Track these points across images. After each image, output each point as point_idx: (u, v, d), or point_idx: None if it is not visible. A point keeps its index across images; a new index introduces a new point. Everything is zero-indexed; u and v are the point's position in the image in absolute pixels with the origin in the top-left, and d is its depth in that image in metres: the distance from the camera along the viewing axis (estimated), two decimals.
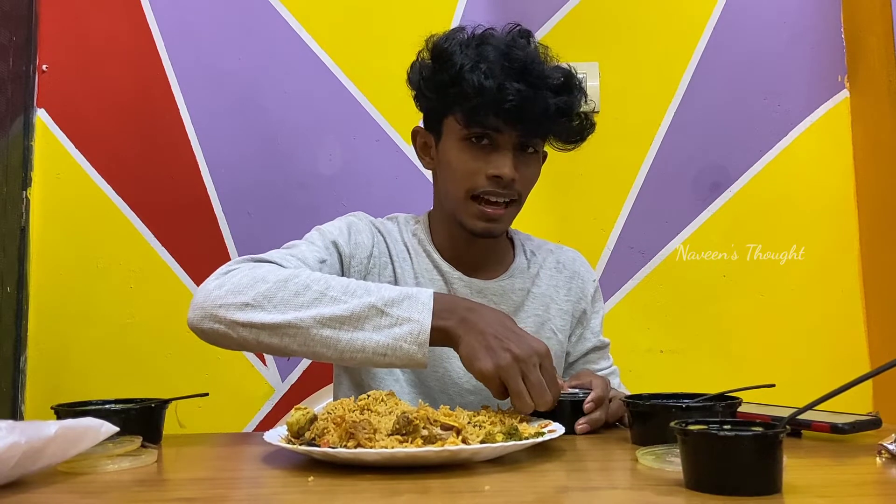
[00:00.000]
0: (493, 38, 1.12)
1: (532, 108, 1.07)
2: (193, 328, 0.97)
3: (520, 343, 0.90)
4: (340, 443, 0.77)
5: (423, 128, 1.21)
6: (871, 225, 1.84)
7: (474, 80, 1.06)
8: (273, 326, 0.92)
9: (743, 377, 1.13)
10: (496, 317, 0.94)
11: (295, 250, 1.08)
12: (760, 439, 0.63)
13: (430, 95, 1.15)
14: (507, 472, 0.75)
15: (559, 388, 0.93)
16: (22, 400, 1.75)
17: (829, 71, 1.92)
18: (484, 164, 1.10)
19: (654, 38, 1.91)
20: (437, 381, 1.15)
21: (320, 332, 0.91)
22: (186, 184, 1.83)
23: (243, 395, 1.79)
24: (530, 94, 1.06)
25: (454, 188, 1.13)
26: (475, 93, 1.06)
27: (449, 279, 1.18)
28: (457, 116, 1.11)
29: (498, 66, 1.07)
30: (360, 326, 0.91)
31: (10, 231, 1.74)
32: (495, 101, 1.06)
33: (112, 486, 0.72)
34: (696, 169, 1.89)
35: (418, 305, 0.92)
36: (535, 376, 0.89)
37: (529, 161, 1.13)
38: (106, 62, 1.85)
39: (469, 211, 1.12)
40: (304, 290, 0.93)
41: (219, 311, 0.94)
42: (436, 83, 1.13)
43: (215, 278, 0.98)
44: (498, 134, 1.09)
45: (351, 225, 1.17)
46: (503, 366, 0.89)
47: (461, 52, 1.10)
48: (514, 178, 1.09)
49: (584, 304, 1.27)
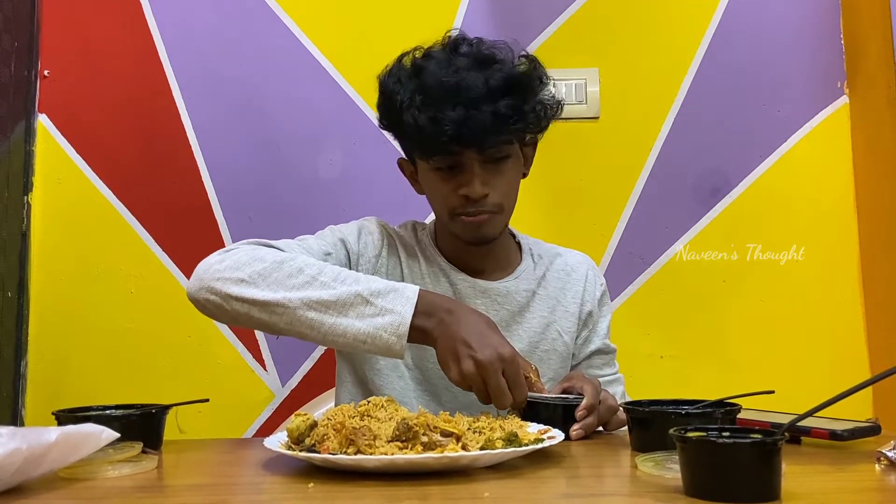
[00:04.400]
0: (430, 61, 1.12)
1: (474, 126, 1.06)
2: (191, 298, 1.03)
3: (484, 349, 0.94)
4: (340, 449, 0.77)
5: (404, 158, 1.24)
6: (871, 231, 1.84)
7: (410, 120, 1.08)
8: (263, 303, 0.97)
9: (743, 383, 1.13)
10: (472, 319, 0.98)
11: (303, 241, 1.14)
12: (759, 447, 0.63)
13: (392, 133, 1.19)
14: (506, 479, 0.75)
15: (525, 389, 0.96)
16: (22, 404, 1.75)
17: (829, 77, 1.92)
18: (455, 186, 1.12)
19: (653, 44, 1.92)
20: (442, 378, 1.15)
21: (306, 313, 0.97)
22: (187, 188, 1.84)
23: (243, 401, 1.79)
24: (466, 114, 1.05)
25: (439, 211, 1.19)
26: (416, 131, 1.09)
27: (454, 280, 1.21)
28: (416, 153, 1.16)
29: (432, 94, 1.07)
30: (344, 312, 0.96)
31: (11, 236, 1.75)
32: (434, 134, 1.07)
33: (113, 492, 0.73)
34: (695, 174, 1.89)
35: (402, 299, 0.97)
36: (494, 381, 0.93)
37: (502, 169, 1.14)
38: (107, 68, 1.85)
39: (455, 228, 1.17)
40: (298, 273, 0.99)
41: (216, 283, 1.00)
42: (389, 123, 1.17)
43: (218, 254, 1.04)
44: (458, 156, 1.11)
45: (362, 227, 1.22)
46: (466, 374, 0.94)
47: (400, 88, 1.11)
48: (485, 194, 1.11)
49: (590, 305, 1.27)
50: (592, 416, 0.99)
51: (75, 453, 0.74)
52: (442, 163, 1.12)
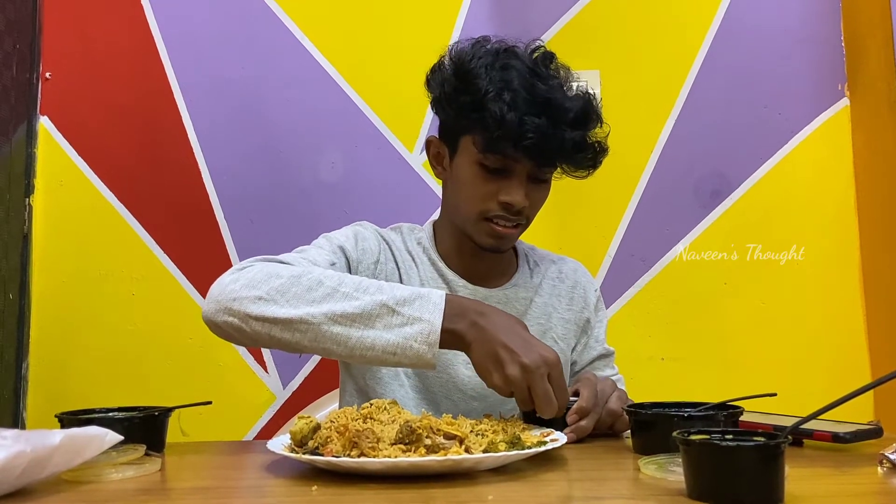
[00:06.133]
0: (518, 62, 1.11)
1: (550, 143, 1.07)
2: (208, 321, 0.98)
3: (529, 353, 0.90)
4: (344, 452, 0.78)
5: (437, 138, 1.20)
6: (872, 232, 1.84)
7: (496, 111, 1.05)
8: (285, 321, 0.92)
9: (744, 384, 1.14)
10: (506, 322, 0.94)
11: (305, 253, 1.10)
12: (762, 450, 0.64)
13: (450, 112, 1.14)
14: (509, 482, 0.75)
15: (567, 396, 0.93)
16: (24, 407, 1.75)
17: (830, 79, 1.92)
18: (496, 190, 1.10)
19: (654, 46, 1.92)
20: (442, 386, 1.15)
21: (331, 328, 0.92)
22: (189, 191, 1.84)
23: (244, 403, 1.79)
24: (549, 130, 1.06)
25: (466, 208, 1.14)
26: (496, 124, 1.06)
27: (453, 287, 1.19)
28: (475, 139, 1.10)
29: (521, 97, 1.06)
30: (370, 324, 0.91)
31: (12, 238, 1.75)
32: (515, 135, 1.05)
33: (116, 495, 0.73)
34: (696, 177, 1.90)
35: (429, 305, 0.92)
36: (541, 388, 0.89)
37: (541, 188, 1.15)
38: (109, 70, 1.85)
39: (480, 229, 1.13)
40: (317, 285, 0.94)
41: (233, 304, 0.94)
42: (458, 103, 1.12)
43: (230, 273, 0.99)
44: (513, 162, 1.09)
45: (357, 233, 1.18)
46: (512, 379, 0.89)
47: (485, 75, 1.09)
48: (524, 206, 1.11)
49: (586, 313, 1.27)
50: (587, 420, 0.98)
51: (79, 456, 0.74)
52: (496, 163, 1.09)
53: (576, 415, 0.98)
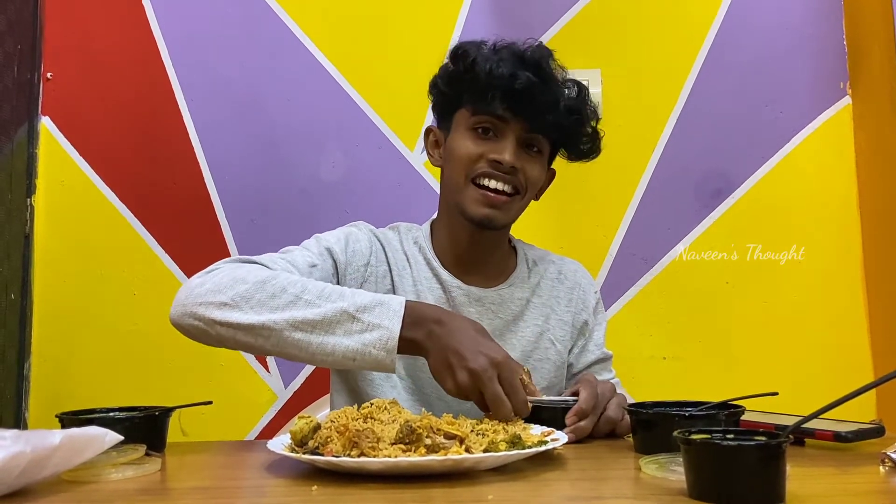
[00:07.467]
0: (512, 45, 1.17)
1: (541, 97, 1.11)
2: (175, 324, 1.01)
3: (476, 357, 0.92)
4: (344, 451, 0.77)
5: (435, 126, 1.24)
6: (874, 232, 1.84)
7: (486, 66, 1.12)
8: (248, 327, 0.95)
9: (745, 383, 1.13)
10: (462, 327, 0.96)
11: (287, 254, 1.11)
12: (764, 449, 0.63)
13: (445, 89, 1.19)
14: (510, 481, 0.75)
15: (523, 394, 0.93)
16: (25, 406, 1.75)
17: (831, 78, 1.92)
18: (486, 150, 1.13)
19: (656, 45, 1.92)
20: (435, 388, 1.15)
21: (292, 334, 0.94)
22: (190, 190, 1.84)
23: (246, 402, 1.79)
24: (540, 84, 1.11)
25: (456, 174, 1.16)
26: (486, 77, 1.11)
27: (448, 287, 1.19)
28: (466, 107, 1.15)
29: (513, 59, 1.13)
30: (331, 331, 0.94)
31: (14, 238, 1.75)
32: (506, 85, 1.10)
33: (116, 495, 0.73)
34: (698, 176, 1.89)
35: (389, 312, 0.94)
36: (490, 390, 0.91)
37: (533, 159, 1.16)
38: (110, 70, 1.86)
39: (470, 195, 1.14)
40: (281, 292, 0.96)
41: (198, 308, 0.97)
42: (450, 75, 1.18)
43: (199, 276, 1.02)
44: (503, 123, 1.13)
45: (349, 235, 1.19)
46: (462, 385, 0.92)
47: (478, 50, 1.16)
48: (514, 166, 1.12)
49: (585, 314, 1.27)
50: (586, 421, 0.98)
51: (79, 456, 0.74)
52: (486, 122, 1.13)
53: (575, 416, 0.98)
